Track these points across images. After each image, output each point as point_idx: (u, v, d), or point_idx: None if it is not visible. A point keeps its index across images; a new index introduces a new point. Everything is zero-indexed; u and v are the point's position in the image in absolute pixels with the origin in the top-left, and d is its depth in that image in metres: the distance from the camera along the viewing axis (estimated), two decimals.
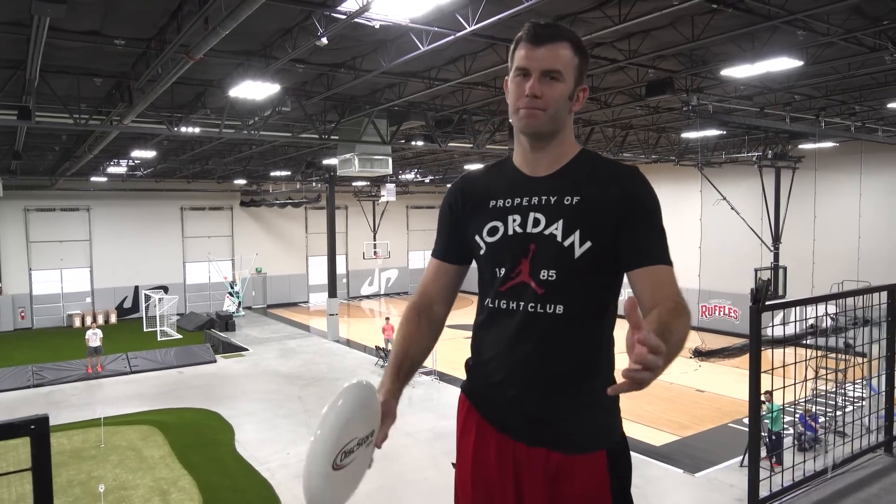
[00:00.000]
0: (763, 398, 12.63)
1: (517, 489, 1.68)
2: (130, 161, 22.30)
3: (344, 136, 15.30)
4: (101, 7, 8.14)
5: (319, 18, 8.24)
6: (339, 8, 7.88)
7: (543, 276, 1.65)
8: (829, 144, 19.72)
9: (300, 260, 37.09)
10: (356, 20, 8.05)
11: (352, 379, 1.59)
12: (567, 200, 1.66)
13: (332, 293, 26.65)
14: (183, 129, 14.20)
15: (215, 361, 21.74)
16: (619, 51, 10.30)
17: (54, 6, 6.19)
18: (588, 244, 1.62)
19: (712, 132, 16.56)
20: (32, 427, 1.37)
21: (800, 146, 19.25)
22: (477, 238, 1.77)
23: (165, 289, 30.66)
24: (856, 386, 12.03)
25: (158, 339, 25.44)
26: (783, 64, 9.93)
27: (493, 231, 1.74)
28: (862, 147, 19.69)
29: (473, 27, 8.21)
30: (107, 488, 11.05)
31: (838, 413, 12.74)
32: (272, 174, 28.03)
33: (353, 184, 32.70)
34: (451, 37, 8.69)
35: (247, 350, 24.09)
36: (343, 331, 27.13)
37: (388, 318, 23.95)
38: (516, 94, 1.68)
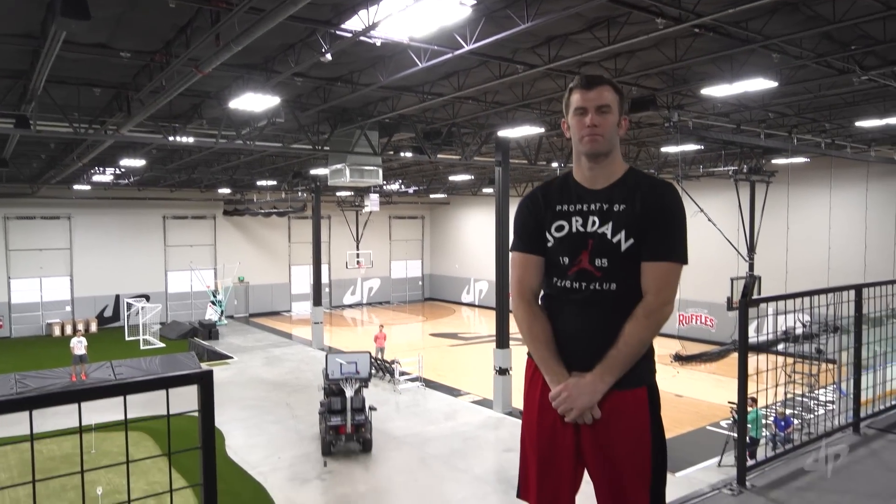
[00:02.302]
0: (749, 404, 13.11)
1: (576, 425, 2.19)
2: (117, 169, 22.32)
3: (335, 147, 15.62)
4: (113, 21, 8.42)
5: (324, 35, 8.58)
6: (343, 26, 8.25)
7: (598, 263, 2.19)
8: (800, 160, 20.55)
9: (283, 269, 37.16)
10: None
11: None
12: (616, 208, 2.21)
13: (317, 302, 26.84)
14: (178, 139, 14.41)
15: (200, 369, 21.74)
16: (605, 69, 10.81)
17: (78, 22, 6.47)
18: (631, 241, 2.17)
19: (691, 147, 17.21)
20: (201, 378, 1.76)
21: (773, 161, 20.03)
22: (547, 234, 2.28)
23: (147, 298, 30.54)
24: (826, 390, 12.63)
25: (141, 347, 25.37)
26: (759, 84, 10.52)
27: (559, 228, 2.27)
28: (831, 163, 20.55)
29: (471, 46, 8.62)
30: (102, 492, 11.16)
31: (810, 416, 13.37)
32: (258, 183, 28.19)
33: (338, 194, 32.94)
34: (449, 55, 9.08)
35: (231, 358, 24.15)
36: (326, 339, 27.30)
37: (381, 326, 24.09)
38: (579, 126, 2.23)
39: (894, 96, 12.38)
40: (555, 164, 20.04)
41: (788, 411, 13.14)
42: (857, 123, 15.25)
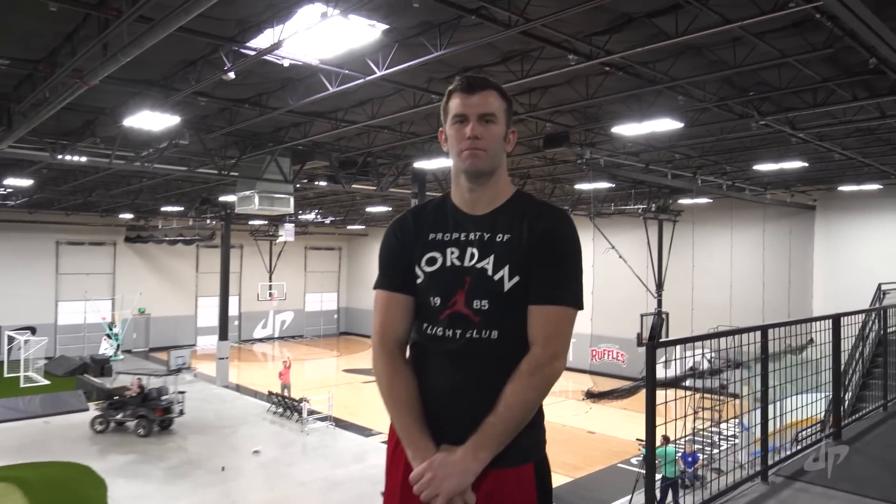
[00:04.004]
0: (659, 442, 13.17)
1: None
2: (1, 189, 20.50)
3: (244, 173, 14.91)
4: None
5: (227, 53, 8.12)
6: (248, 44, 7.81)
7: (477, 305, 1.80)
8: (704, 200, 21.53)
9: (189, 300, 35.25)
10: (265, 57, 8.01)
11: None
12: (499, 238, 1.83)
13: (223, 336, 25.49)
14: (68, 158, 13.32)
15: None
16: (519, 104, 10.84)
17: None
18: (516, 279, 1.79)
19: (603, 185, 17.63)
20: None
21: (679, 201, 20.88)
22: (416, 268, 1.88)
23: (33, 329, 27.97)
24: (729, 424, 12.91)
25: (21, 385, 23.08)
26: (666, 125, 10.84)
27: (431, 261, 1.87)
28: (732, 204, 21.64)
29: (383, 72, 8.39)
30: None
31: (715, 451, 13.65)
32: (163, 209, 26.71)
33: (250, 222, 31.77)
34: (361, 80, 8.81)
35: None
36: (233, 376, 25.88)
37: (286, 363, 22.94)
38: (457, 138, 1.86)
39: (788, 142, 13.07)
40: None
41: (696, 446, 13.36)
42: (755, 167, 16.08)
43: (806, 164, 15.37)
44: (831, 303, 20.09)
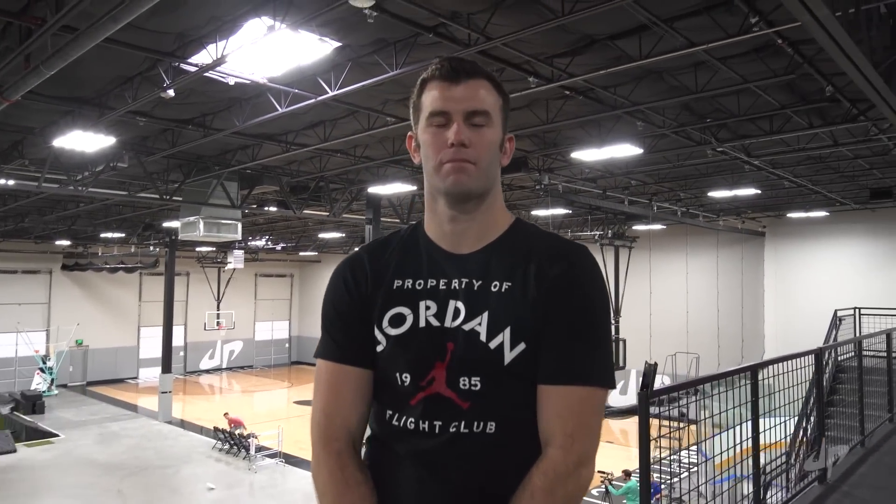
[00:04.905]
0: (621, 475, 12.76)
1: None
2: None
3: (188, 198, 14.16)
4: None
5: (167, 69, 7.58)
6: (189, 59, 7.30)
7: (465, 385, 1.25)
8: (659, 227, 21.70)
9: (131, 331, 33.59)
10: (209, 74, 7.50)
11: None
12: (495, 287, 1.30)
13: (167, 368, 24.23)
14: None
15: (15, 451, 18.46)
16: None
17: None
18: (522, 346, 1.25)
19: (560, 210, 17.51)
20: None
21: (635, 227, 20.98)
22: (376, 329, 1.34)
23: None
24: (690, 453, 12.70)
25: None
26: (626, 150, 10.71)
27: (397, 320, 1.32)
28: (687, 230, 21.86)
29: (336, 92, 7.97)
30: None
31: (674, 480, 13.41)
32: (102, 236, 25.42)
33: (197, 249, 30.62)
34: (312, 100, 8.37)
35: (57, 436, 20.84)
36: (177, 410, 24.56)
37: (226, 414, 21.08)
38: (435, 145, 1.30)
39: (742, 169, 13.17)
40: None
41: (655, 476, 13.09)
42: (710, 193, 16.21)
43: (759, 192, 15.56)
44: (782, 328, 20.42)
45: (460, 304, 1.29)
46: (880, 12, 6.13)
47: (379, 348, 1.33)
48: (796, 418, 9.16)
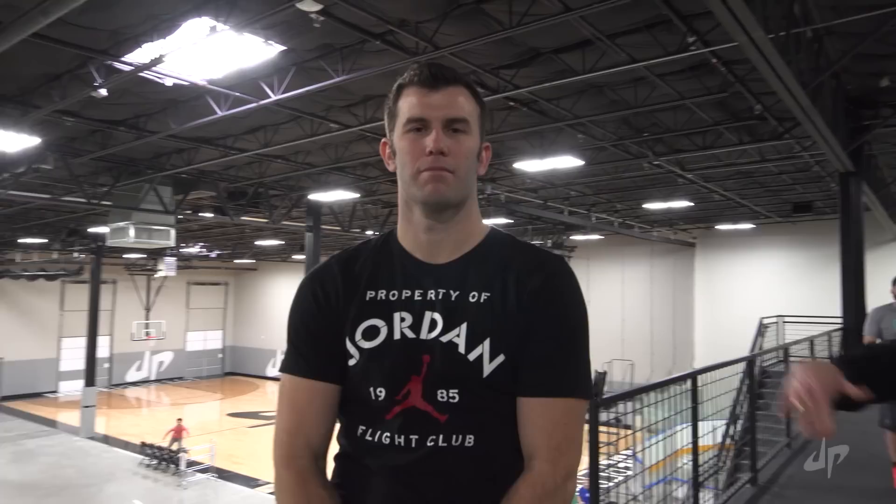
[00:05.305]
0: None
1: None
2: None
3: (119, 202, 13.53)
4: None
5: (98, 67, 7.23)
6: (124, 58, 6.98)
7: (443, 397, 1.21)
8: (596, 237, 22.26)
9: (50, 342, 31.80)
10: (144, 74, 7.21)
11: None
12: (473, 297, 1.26)
13: (90, 381, 23.07)
14: None
15: None
16: None
17: None
18: (501, 358, 1.22)
19: (502, 220, 17.70)
20: None
21: (573, 237, 21.44)
22: (347, 342, 1.28)
23: None
24: (622, 456, 13.00)
25: None
26: (567, 162, 10.92)
27: (371, 333, 1.27)
28: (623, 240, 22.52)
29: (278, 97, 7.80)
30: None
31: (610, 484, 13.70)
32: (21, 241, 23.98)
33: (125, 256, 29.31)
34: (254, 104, 8.16)
35: None
36: (101, 425, 23.37)
37: (179, 420, 20.26)
38: (413, 152, 1.26)
39: (675, 182, 13.66)
40: (370, 233, 19.50)
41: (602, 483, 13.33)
42: (645, 205, 16.74)
43: (691, 204, 16.18)
44: (710, 335, 21.24)
45: (437, 316, 1.26)
46: (807, 36, 6.49)
47: (351, 362, 1.28)
48: (724, 422, 9.54)
